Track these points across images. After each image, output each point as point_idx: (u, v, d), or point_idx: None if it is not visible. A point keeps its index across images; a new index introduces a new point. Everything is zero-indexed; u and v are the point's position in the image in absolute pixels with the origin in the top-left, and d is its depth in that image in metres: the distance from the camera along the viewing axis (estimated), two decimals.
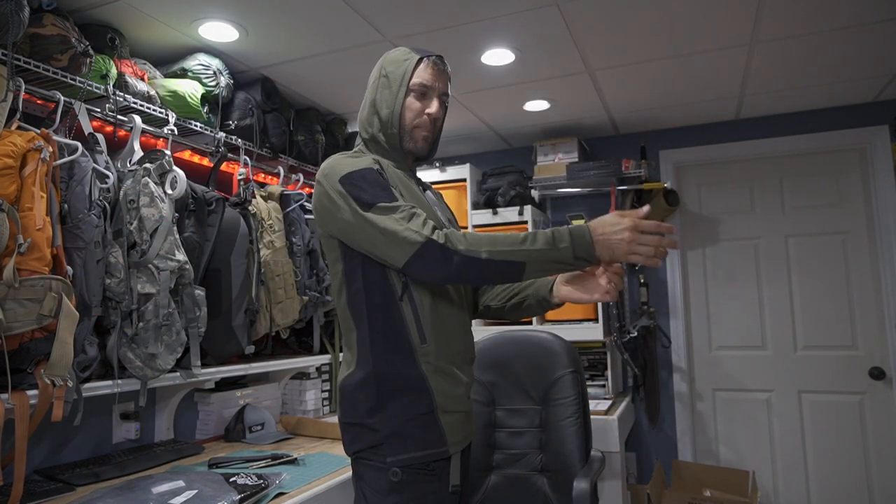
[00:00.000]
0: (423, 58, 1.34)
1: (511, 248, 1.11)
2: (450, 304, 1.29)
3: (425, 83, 1.33)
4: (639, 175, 3.10)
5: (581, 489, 1.72)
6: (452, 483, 1.17)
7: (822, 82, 2.71)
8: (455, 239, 1.13)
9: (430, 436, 1.18)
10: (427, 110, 1.33)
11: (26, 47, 1.56)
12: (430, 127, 1.35)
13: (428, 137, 1.36)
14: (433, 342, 1.22)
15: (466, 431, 1.29)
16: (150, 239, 1.66)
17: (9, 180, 1.37)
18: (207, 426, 2.23)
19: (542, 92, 2.73)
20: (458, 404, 1.26)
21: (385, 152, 1.36)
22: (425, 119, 1.33)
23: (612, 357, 3.03)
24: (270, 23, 2.01)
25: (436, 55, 1.36)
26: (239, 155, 2.28)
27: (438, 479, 1.17)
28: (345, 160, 1.27)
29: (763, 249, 3.20)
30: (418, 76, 1.33)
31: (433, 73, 1.34)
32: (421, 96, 1.33)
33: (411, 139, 1.35)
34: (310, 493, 1.54)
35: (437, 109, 1.34)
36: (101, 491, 1.43)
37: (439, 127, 1.39)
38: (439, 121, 1.37)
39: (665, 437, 3.23)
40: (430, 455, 1.16)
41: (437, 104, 1.34)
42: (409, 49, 1.37)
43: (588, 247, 1.10)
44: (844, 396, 2.99)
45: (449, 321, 1.27)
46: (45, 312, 1.36)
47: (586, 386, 2.10)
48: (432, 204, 1.40)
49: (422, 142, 1.35)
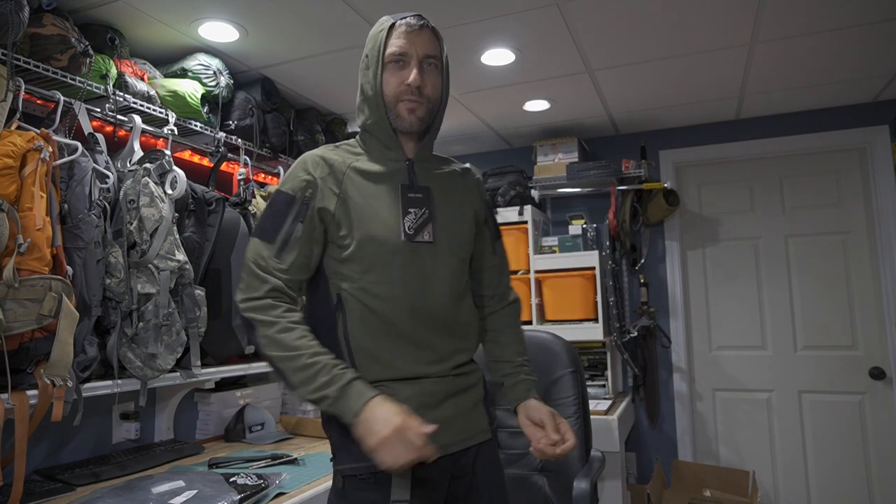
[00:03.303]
0: (394, 24, 1.19)
1: (284, 366, 1.09)
2: (390, 317, 1.16)
3: (398, 51, 1.18)
4: (639, 175, 3.10)
5: (581, 489, 1.72)
6: (394, 497, 1.10)
7: (822, 82, 2.71)
8: (265, 317, 1.11)
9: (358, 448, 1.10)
10: (407, 81, 1.17)
11: (26, 47, 1.56)
12: (415, 97, 1.18)
13: (415, 109, 1.18)
14: (359, 358, 1.15)
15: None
16: (150, 239, 1.66)
17: (9, 180, 1.37)
18: (207, 426, 2.23)
19: (542, 92, 2.72)
20: None
21: (380, 141, 1.24)
22: (404, 89, 1.17)
23: (612, 357, 3.03)
24: (270, 23, 2.01)
25: (411, 15, 1.20)
26: (239, 155, 2.28)
27: (379, 491, 1.12)
28: (293, 168, 1.22)
29: (763, 249, 3.20)
30: (391, 45, 1.18)
31: (407, 38, 1.18)
32: (398, 67, 1.18)
33: (397, 116, 1.19)
34: (310, 493, 1.54)
35: (416, 76, 1.17)
36: (101, 491, 1.43)
37: (431, 96, 1.21)
38: (427, 88, 1.19)
39: (665, 437, 3.23)
40: (364, 468, 1.11)
41: (417, 70, 1.17)
42: (386, 17, 1.22)
43: (349, 413, 1.05)
44: (844, 396, 2.99)
45: (384, 335, 1.16)
46: (45, 312, 1.36)
47: (586, 386, 2.10)
48: (406, 201, 1.21)
49: (408, 115, 1.19)
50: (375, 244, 1.16)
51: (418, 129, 1.21)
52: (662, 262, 3.31)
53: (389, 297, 1.16)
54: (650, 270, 3.32)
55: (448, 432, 1.17)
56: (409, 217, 1.19)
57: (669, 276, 3.28)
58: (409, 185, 1.22)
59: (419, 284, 1.18)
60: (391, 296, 1.16)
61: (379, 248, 1.16)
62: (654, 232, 3.34)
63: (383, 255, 1.16)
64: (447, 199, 1.26)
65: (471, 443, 1.23)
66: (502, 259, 1.40)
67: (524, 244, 3.08)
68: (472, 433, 1.24)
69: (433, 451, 1.03)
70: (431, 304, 1.19)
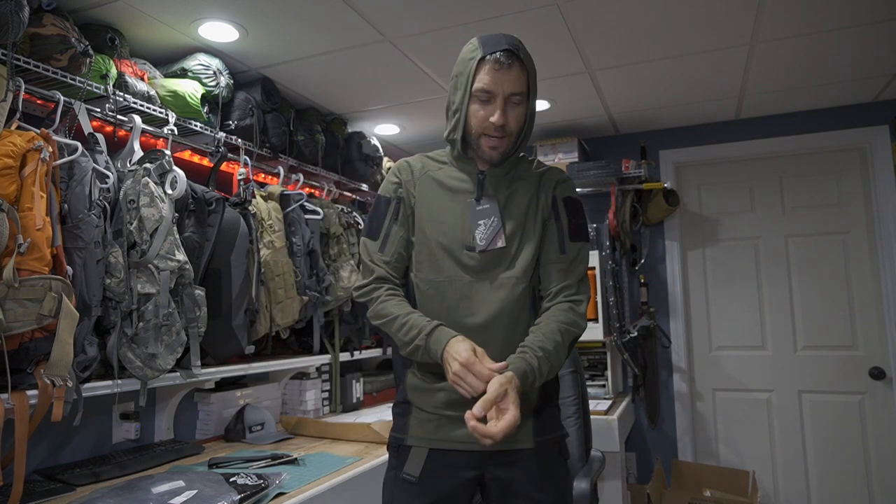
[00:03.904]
0: (484, 56, 1.22)
1: (389, 329, 1.29)
2: (441, 307, 1.29)
3: (486, 88, 1.22)
4: (639, 175, 3.10)
5: (581, 489, 1.72)
6: (406, 471, 1.26)
7: (822, 82, 2.71)
8: (370, 297, 1.33)
9: (400, 422, 1.34)
10: (490, 118, 1.23)
11: (26, 47, 1.56)
12: (497, 134, 1.25)
13: (497, 147, 1.26)
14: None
15: (444, 433, 1.27)
16: (150, 239, 1.66)
17: (9, 180, 1.37)
18: (207, 426, 2.23)
19: (542, 92, 2.72)
20: (428, 405, 1.30)
21: (458, 155, 1.34)
22: (488, 126, 1.24)
23: (612, 357, 3.03)
24: (270, 23, 2.01)
25: (501, 50, 1.22)
26: (239, 155, 2.28)
27: (399, 460, 1.30)
28: (388, 174, 1.40)
29: (763, 249, 3.20)
30: (479, 80, 1.23)
31: (494, 76, 1.22)
32: (483, 103, 1.24)
33: (478, 149, 1.28)
34: (310, 493, 1.54)
35: (500, 116, 1.22)
36: (101, 491, 1.43)
37: (514, 130, 1.27)
38: (511, 124, 1.25)
39: (665, 437, 3.23)
40: (394, 438, 1.33)
41: (501, 111, 1.22)
42: (477, 43, 1.25)
43: (435, 356, 1.21)
44: (844, 396, 2.99)
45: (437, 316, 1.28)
46: (45, 312, 1.36)
47: (586, 386, 2.10)
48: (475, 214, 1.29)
49: (489, 151, 1.27)
50: (432, 246, 1.31)
51: (498, 162, 1.31)
52: (662, 262, 3.31)
53: (443, 295, 1.29)
54: (650, 270, 3.32)
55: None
56: (479, 229, 1.29)
57: (669, 276, 3.28)
58: (477, 198, 1.31)
59: (470, 288, 1.28)
60: (444, 293, 1.29)
61: (439, 250, 1.30)
62: (654, 232, 3.34)
63: (442, 258, 1.30)
64: (514, 210, 1.32)
65: (502, 447, 1.21)
66: (573, 262, 1.32)
67: None
68: (508, 439, 1.14)
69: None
70: (477, 312, 1.27)
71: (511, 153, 1.31)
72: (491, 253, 1.28)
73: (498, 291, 1.28)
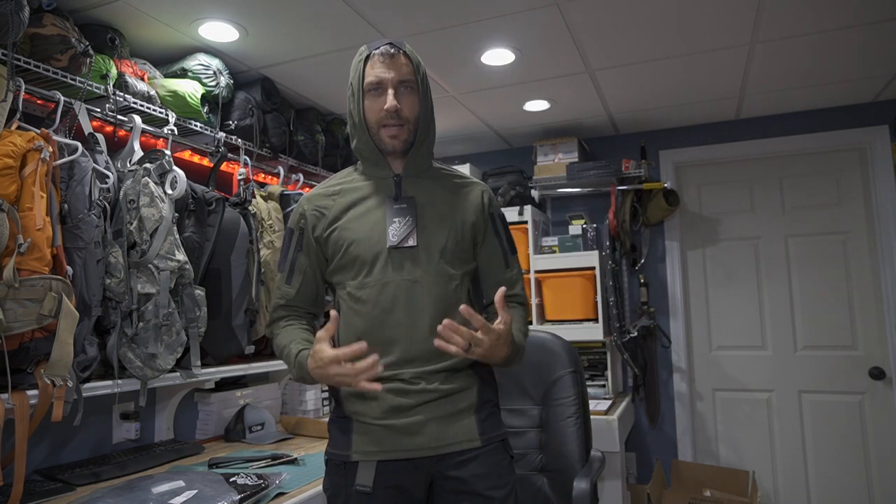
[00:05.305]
0: (370, 53, 1.29)
1: (284, 361, 1.33)
2: (373, 312, 1.26)
3: (374, 80, 1.27)
4: (639, 175, 3.10)
5: (581, 489, 1.72)
6: (359, 482, 1.23)
7: (822, 82, 2.71)
8: (270, 329, 1.40)
9: (342, 438, 1.29)
10: (385, 106, 1.26)
11: (26, 47, 1.56)
12: (394, 121, 1.27)
13: (397, 136, 1.28)
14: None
15: (391, 444, 1.24)
16: (150, 239, 1.66)
17: (9, 180, 1.37)
18: (207, 426, 2.23)
19: (542, 92, 2.73)
20: (370, 416, 1.26)
21: (370, 163, 1.35)
22: (384, 115, 1.27)
23: (612, 357, 3.03)
24: (270, 23, 2.01)
25: (385, 44, 1.28)
26: (239, 155, 2.28)
27: (348, 477, 1.26)
28: (295, 208, 1.40)
29: (763, 249, 3.20)
30: (368, 75, 1.28)
31: (382, 66, 1.27)
32: (376, 95, 1.28)
33: (380, 140, 1.30)
34: (310, 493, 1.54)
35: (392, 101, 1.25)
36: (101, 491, 1.43)
37: (410, 117, 1.29)
38: (405, 110, 1.28)
39: (665, 437, 3.23)
40: (336, 455, 1.29)
41: (392, 95, 1.26)
42: (364, 47, 1.32)
43: (306, 375, 1.25)
44: (844, 396, 2.99)
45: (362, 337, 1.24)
46: (45, 312, 1.36)
47: (586, 386, 2.10)
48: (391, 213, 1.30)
49: (391, 140, 1.29)
50: (358, 254, 1.29)
51: (402, 150, 1.31)
52: (662, 262, 3.31)
53: (368, 300, 1.27)
54: (650, 270, 3.32)
55: (423, 436, 1.24)
56: (393, 226, 1.30)
57: (669, 276, 3.29)
58: (395, 197, 1.32)
59: (397, 288, 1.26)
60: (369, 299, 1.27)
61: (360, 256, 1.28)
62: (654, 232, 3.34)
63: (364, 263, 1.28)
64: (436, 209, 1.33)
65: (450, 449, 1.25)
66: (516, 273, 1.43)
67: (524, 244, 3.08)
68: (454, 440, 1.25)
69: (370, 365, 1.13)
70: (411, 308, 1.26)
71: (413, 142, 1.32)
72: (413, 251, 1.28)
73: (431, 289, 1.28)
